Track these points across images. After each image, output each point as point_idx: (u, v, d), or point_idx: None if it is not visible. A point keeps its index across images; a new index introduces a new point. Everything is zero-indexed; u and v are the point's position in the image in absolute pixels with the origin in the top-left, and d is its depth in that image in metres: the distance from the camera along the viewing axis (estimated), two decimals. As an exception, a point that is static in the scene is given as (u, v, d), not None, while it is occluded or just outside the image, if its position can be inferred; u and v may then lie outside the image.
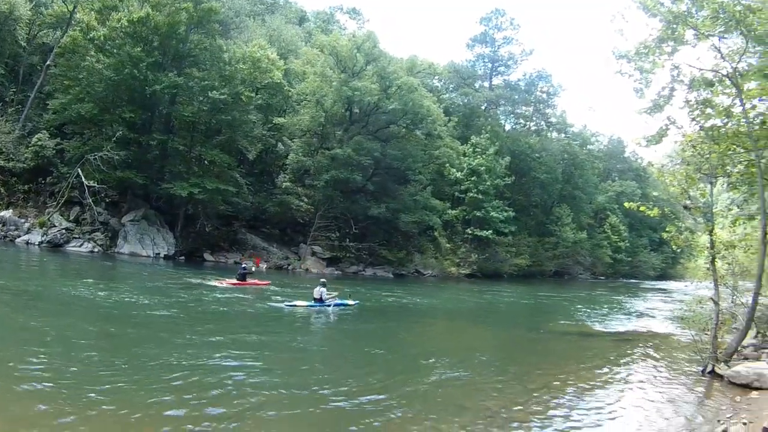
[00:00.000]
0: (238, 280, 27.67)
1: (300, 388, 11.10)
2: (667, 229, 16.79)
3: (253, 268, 30.56)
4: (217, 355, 13.19)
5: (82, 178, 36.89)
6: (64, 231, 38.33)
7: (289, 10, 76.02)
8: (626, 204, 18.53)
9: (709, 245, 15.52)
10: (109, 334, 15.00)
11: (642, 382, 14.45)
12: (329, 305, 23.03)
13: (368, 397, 10.70)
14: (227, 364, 12.51)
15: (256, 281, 29.05)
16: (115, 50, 38.37)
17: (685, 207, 17.48)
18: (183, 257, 41.89)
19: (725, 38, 15.50)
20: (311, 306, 22.58)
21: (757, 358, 14.88)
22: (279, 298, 24.54)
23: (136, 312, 18.25)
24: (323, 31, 68.56)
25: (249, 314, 21.23)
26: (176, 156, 43.27)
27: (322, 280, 24.46)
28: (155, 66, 39.23)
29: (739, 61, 15.29)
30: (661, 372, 15.66)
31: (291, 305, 22.34)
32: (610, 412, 11.23)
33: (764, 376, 12.45)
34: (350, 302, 24.77)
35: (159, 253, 40.40)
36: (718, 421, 10.16)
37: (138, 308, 19.00)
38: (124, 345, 13.63)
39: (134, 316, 17.47)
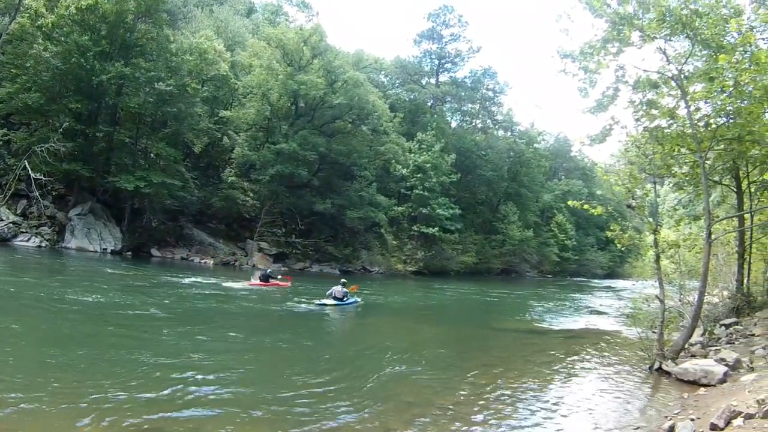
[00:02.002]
0: (262, 280, 30.89)
1: (239, 386, 11.15)
2: (611, 228, 16.77)
3: (279, 277, 33.31)
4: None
5: (29, 170, 36.66)
6: (11, 225, 38.25)
7: (238, 1, 75.77)
8: (570, 202, 18.63)
9: (653, 244, 15.76)
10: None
11: (589, 378, 14.97)
12: (349, 303, 26.15)
13: (311, 395, 10.89)
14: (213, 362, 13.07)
15: (278, 282, 32.04)
16: (62, 38, 38.59)
17: (629, 206, 17.77)
18: (130, 252, 42.09)
19: (671, 41, 15.91)
20: (338, 305, 25.22)
21: (705, 356, 14.91)
22: (305, 298, 27.16)
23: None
24: (271, 23, 69.19)
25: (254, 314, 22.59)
26: (122, 148, 43.89)
27: (343, 280, 27.47)
28: (102, 55, 39.63)
29: (684, 64, 15.69)
30: (608, 369, 16.07)
31: (321, 304, 24.99)
32: (557, 409, 11.53)
33: (711, 373, 12.65)
34: (359, 300, 27.86)
35: (106, 248, 40.69)
36: (666, 417, 10.41)
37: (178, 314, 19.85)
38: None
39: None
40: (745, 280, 20.33)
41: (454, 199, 68.16)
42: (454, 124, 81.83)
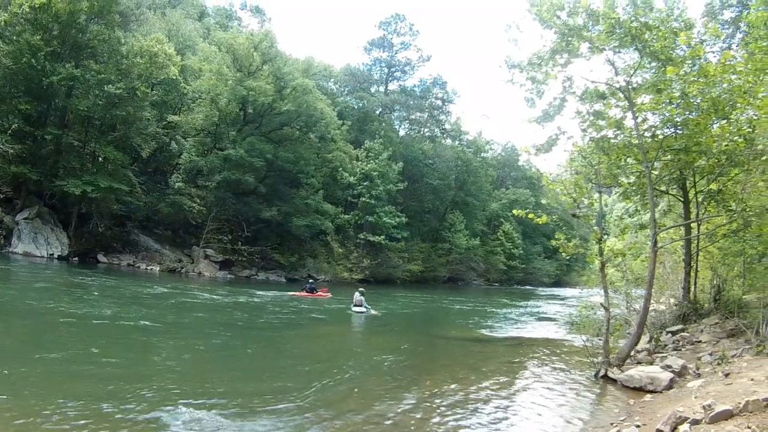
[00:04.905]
0: (307, 292, 36.79)
1: (175, 398, 10.76)
2: (556, 237, 16.58)
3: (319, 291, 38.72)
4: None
5: (-23, 172, 36.11)
6: (-40, 229, 38.34)
7: (190, 4, 75.64)
8: (515, 211, 18.55)
9: (598, 253, 15.82)
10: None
11: (535, 386, 14.87)
12: (367, 309, 30.34)
13: (249, 405, 10.73)
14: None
15: (320, 293, 37.70)
16: (14, 37, 38.41)
17: (574, 216, 17.70)
18: (77, 258, 42.31)
19: (620, 53, 16.16)
20: (360, 312, 29.91)
21: (651, 363, 15.08)
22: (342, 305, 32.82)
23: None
24: (223, 27, 69.89)
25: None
26: (71, 152, 43.73)
27: (361, 289, 32.57)
28: (53, 56, 39.67)
29: (632, 75, 15.96)
30: (554, 376, 16.07)
31: (353, 311, 30.25)
32: (502, 417, 11.58)
33: (657, 380, 12.78)
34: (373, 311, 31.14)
35: (53, 254, 40.66)
36: (611, 423, 10.48)
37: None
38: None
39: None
40: (692, 288, 20.57)
41: (401, 207, 70.57)
42: (402, 133, 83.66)
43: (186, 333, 19.53)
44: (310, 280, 41.72)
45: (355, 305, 30.39)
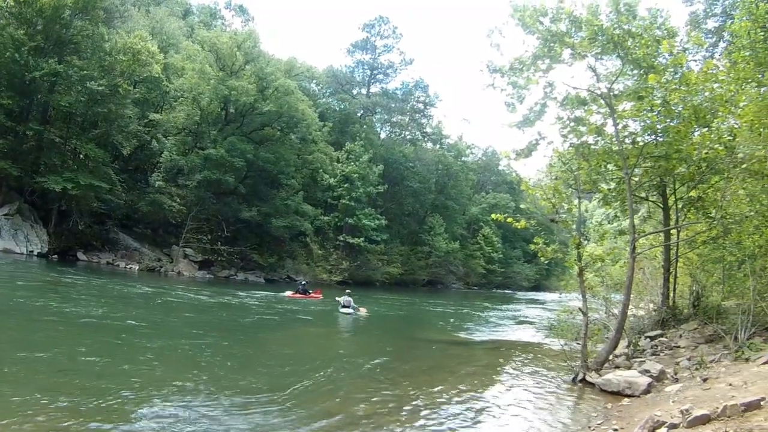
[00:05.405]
0: (300, 293, 37.94)
1: (155, 393, 10.92)
2: (534, 241, 16.33)
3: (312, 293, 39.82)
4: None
5: (-42, 168, 35.96)
6: (-60, 225, 37.32)
7: (175, 2, 75.58)
8: (493, 216, 18.12)
9: (576, 258, 15.71)
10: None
11: (512, 389, 14.95)
12: (355, 310, 31.30)
13: (227, 404, 10.80)
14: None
15: (312, 295, 38.80)
16: None
17: (553, 220, 18.08)
18: (56, 256, 42.21)
19: (602, 59, 16.19)
20: (348, 313, 30.69)
21: (629, 367, 15.15)
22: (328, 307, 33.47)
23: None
24: (207, 26, 69.47)
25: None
26: (52, 148, 43.69)
27: (348, 291, 33.90)
28: (37, 51, 39.78)
29: (614, 82, 16.07)
30: (532, 380, 16.11)
31: (340, 312, 30.96)
32: (480, 420, 11.58)
33: (635, 384, 12.79)
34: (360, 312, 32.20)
35: (33, 251, 40.40)
36: (589, 427, 10.49)
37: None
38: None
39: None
40: (671, 294, 20.66)
41: (381, 210, 70.47)
42: (383, 135, 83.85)
43: (173, 333, 19.47)
44: (303, 282, 42.95)
45: (344, 306, 31.00)
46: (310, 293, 38.84)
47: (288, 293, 37.87)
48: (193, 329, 20.68)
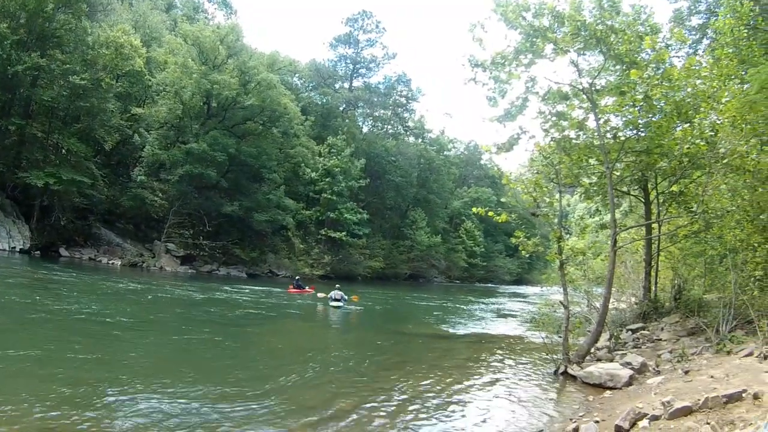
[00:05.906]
0: (296, 288, 39.48)
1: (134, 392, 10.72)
2: (515, 235, 16.23)
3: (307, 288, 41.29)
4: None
5: (-61, 163, 35.55)
6: None
7: None
8: (474, 209, 18.36)
9: (558, 252, 15.78)
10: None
11: (494, 382, 14.93)
12: (345, 301, 32.37)
13: (215, 398, 10.83)
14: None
15: (307, 290, 40.09)
16: None
17: (534, 214, 17.78)
18: (38, 252, 41.76)
19: (584, 55, 16.16)
20: (338, 306, 31.36)
21: (611, 360, 15.25)
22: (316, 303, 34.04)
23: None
24: (190, 20, 68.59)
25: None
26: (34, 143, 43.63)
27: (337, 285, 34.14)
28: (19, 45, 39.51)
29: (596, 77, 16.06)
30: (513, 372, 16.21)
31: (331, 305, 31.58)
32: (462, 412, 11.60)
33: (617, 376, 12.87)
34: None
35: (15, 247, 39.90)
36: (570, 419, 10.46)
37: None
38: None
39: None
40: (653, 287, 20.95)
41: (363, 204, 70.86)
42: (365, 130, 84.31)
43: (164, 328, 19.65)
44: (297, 277, 45.21)
45: (334, 299, 31.69)
46: (304, 288, 40.16)
47: (292, 287, 39.85)
48: (183, 324, 20.81)
